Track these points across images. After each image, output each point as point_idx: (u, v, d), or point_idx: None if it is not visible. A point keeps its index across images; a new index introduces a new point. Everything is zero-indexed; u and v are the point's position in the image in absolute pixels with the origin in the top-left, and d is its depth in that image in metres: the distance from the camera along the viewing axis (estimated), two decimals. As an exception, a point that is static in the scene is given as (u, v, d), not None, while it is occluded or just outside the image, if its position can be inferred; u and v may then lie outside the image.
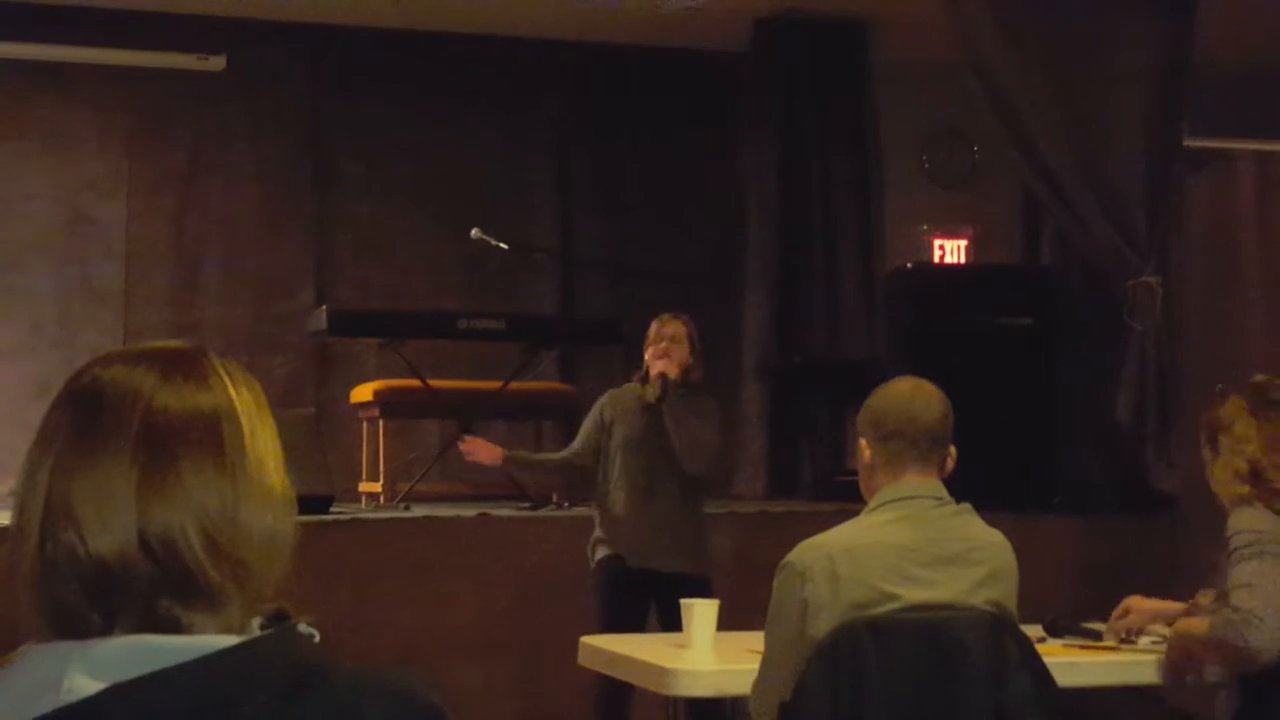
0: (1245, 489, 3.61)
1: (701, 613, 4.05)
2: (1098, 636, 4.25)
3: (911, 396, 3.26)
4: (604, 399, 5.48)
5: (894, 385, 3.32)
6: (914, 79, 8.73)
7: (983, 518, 3.31)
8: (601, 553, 5.33)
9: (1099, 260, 7.25)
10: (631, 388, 5.44)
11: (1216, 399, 3.84)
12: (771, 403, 8.44)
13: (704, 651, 3.99)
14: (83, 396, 1.28)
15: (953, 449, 3.28)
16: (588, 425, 5.46)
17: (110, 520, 1.23)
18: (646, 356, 5.38)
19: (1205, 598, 3.79)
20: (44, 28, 7.94)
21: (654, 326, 5.41)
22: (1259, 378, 3.86)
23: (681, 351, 5.33)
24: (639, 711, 5.17)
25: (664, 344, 5.33)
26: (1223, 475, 3.67)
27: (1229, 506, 3.67)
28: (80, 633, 1.22)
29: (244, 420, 1.30)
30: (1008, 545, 3.29)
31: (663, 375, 5.27)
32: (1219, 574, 3.64)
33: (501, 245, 7.77)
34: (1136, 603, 4.13)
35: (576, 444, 5.49)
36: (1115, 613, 4.17)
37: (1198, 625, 3.68)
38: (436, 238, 8.54)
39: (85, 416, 1.27)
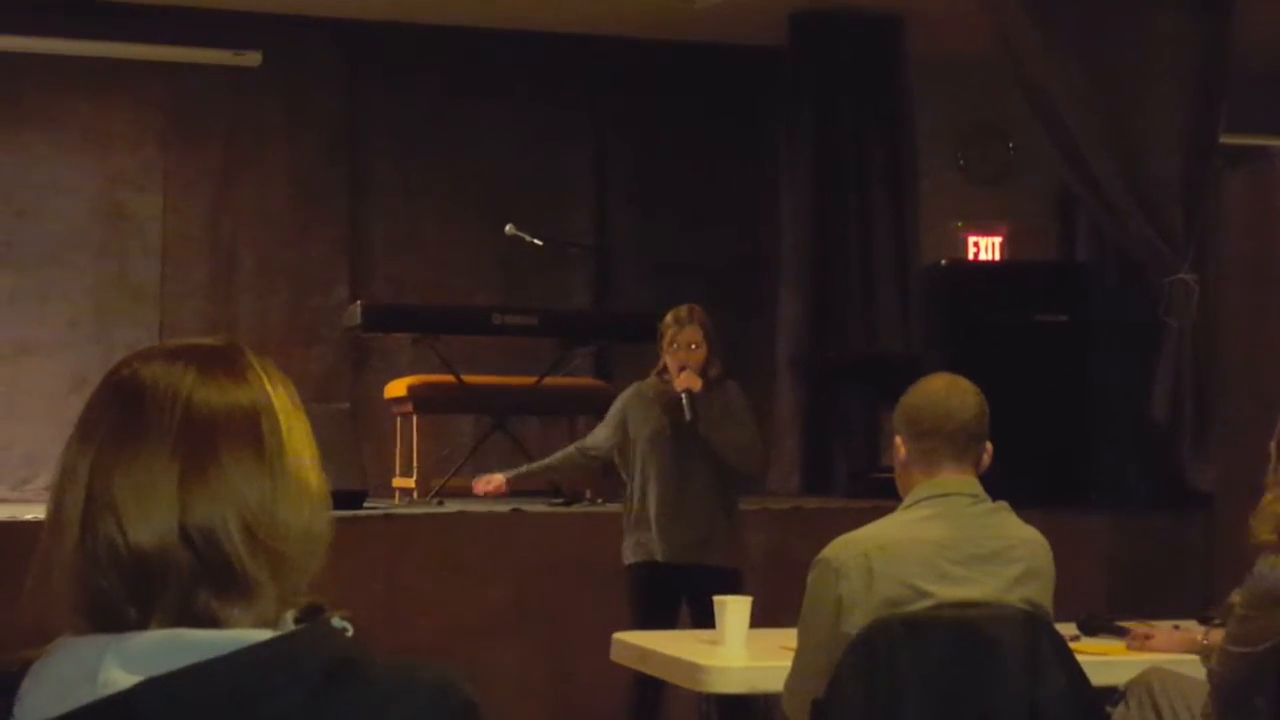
0: (1273, 538, 3.49)
1: (735, 609, 4.04)
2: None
3: (947, 393, 3.25)
4: (626, 397, 5.40)
5: (929, 382, 3.30)
6: (949, 74, 8.70)
7: (1018, 514, 3.30)
8: (633, 557, 5.30)
9: (1135, 256, 7.21)
10: (653, 384, 5.38)
11: None
12: (806, 399, 8.43)
13: (737, 648, 3.99)
14: (124, 391, 1.29)
15: (989, 445, 3.26)
16: (610, 424, 5.39)
17: (151, 513, 1.24)
18: (665, 357, 5.29)
19: (1239, 598, 3.77)
20: (80, 23, 7.99)
21: (671, 327, 5.29)
22: None
23: (700, 355, 5.26)
24: (671, 706, 5.17)
25: (682, 353, 5.24)
26: (1267, 511, 3.56)
27: (1257, 544, 3.56)
28: (116, 625, 1.23)
29: (281, 416, 1.31)
30: (1044, 543, 3.28)
31: (689, 392, 5.21)
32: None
33: (536, 241, 7.77)
34: (1163, 636, 4.12)
35: (593, 439, 5.45)
36: (1140, 633, 4.16)
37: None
38: (471, 233, 8.56)
39: (127, 411, 1.27)
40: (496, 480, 5.52)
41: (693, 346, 5.24)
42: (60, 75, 8.16)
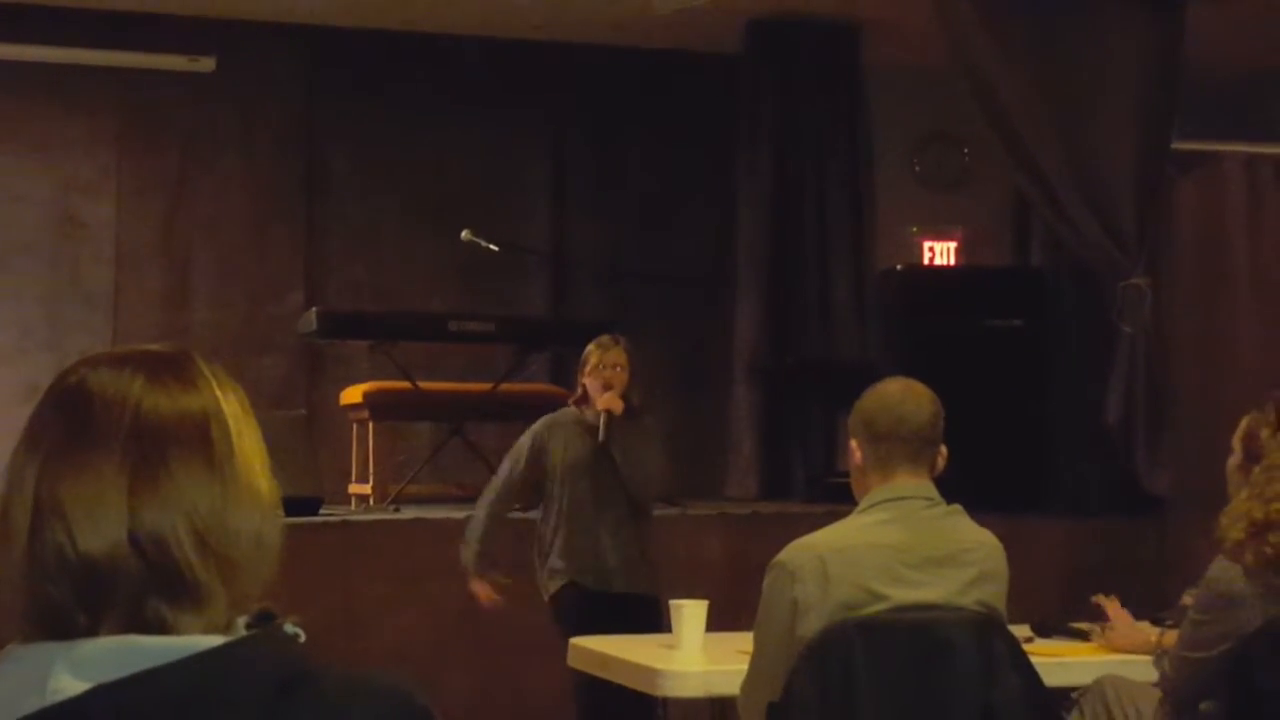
0: (1241, 537, 3.47)
1: (691, 613, 4.05)
2: (1086, 637, 4.27)
3: (902, 398, 3.26)
4: (538, 430, 5.31)
5: (884, 386, 3.32)
6: (905, 82, 8.74)
7: (973, 518, 3.32)
8: (557, 584, 5.27)
9: (1089, 262, 7.26)
10: (570, 412, 5.35)
11: (1268, 408, 3.71)
12: (763, 404, 8.44)
13: (694, 652, 4.00)
14: (72, 398, 1.28)
15: (944, 449, 3.28)
16: (524, 459, 5.27)
17: (100, 520, 1.23)
18: (586, 383, 5.23)
19: (1191, 598, 3.79)
20: (33, 29, 7.93)
21: (595, 354, 5.23)
22: None
23: (624, 378, 5.22)
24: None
25: (608, 373, 5.21)
26: (1238, 510, 3.54)
27: (1220, 543, 3.55)
28: (66, 633, 1.22)
29: (231, 422, 1.30)
30: (999, 546, 3.30)
31: (608, 413, 5.16)
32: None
33: (492, 247, 7.77)
34: (1123, 624, 4.15)
35: (508, 479, 5.30)
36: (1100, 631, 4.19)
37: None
38: (427, 239, 8.54)
39: (75, 418, 1.27)
40: (486, 589, 5.27)
41: (617, 369, 5.21)
42: (12, 81, 8.09)
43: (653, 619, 4.96)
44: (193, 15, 8.13)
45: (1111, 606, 4.21)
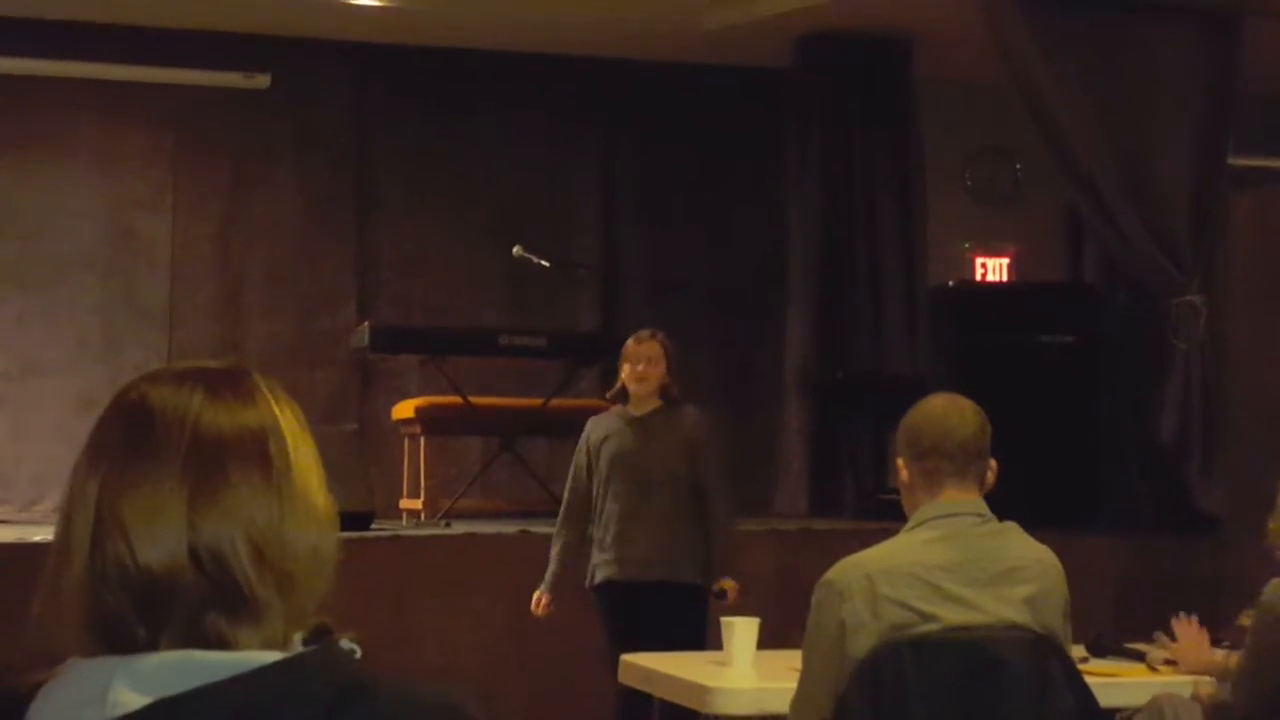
0: None
1: (742, 630, 4.05)
2: (1141, 657, 4.23)
3: (945, 412, 3.23)
4: (586, 431, 5.41)
5: (928, 402, 3.29)
6: (957, 96, 8.71)
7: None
8: (599, 576, 5.30)
9: (1143, 278, 7.22)
10: (612, 410, 5.38)
11: None
12: (814, 420, 8.42)
13: (745, 669, 3.99)
14: (133, 412, 1.30)
15: (993, 462, 3.25)
16: (576, 470, 5.38)
17: (161, 533, 1.24)
18: (623, 375, 5.32)
19: (1248, 618, 3.76)
20: (91, 46, 8.02)
21: (631, 345, 5.36)
22: None
23: (659, 370, 5.29)
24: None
25: (641, 366, 5.28)
26: None
27: (1271, 549, 3.52)
28: (126, 647, 1.23)
29: (288, 437, 1.31)
30: (1055, 562, 3.25)
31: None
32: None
33: (543, 262, 7.79)
34: (1191, 641, 4.08)
35: (578, 489, 5.38)
36: (1166, 647, 4.14)
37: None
38: (479, 254, 8.57)
39: (136, 432, 1.28)
40: (543, 601, 5.40)
41: (651, 360, 5.27)
42: (70, 97, 8.18)
43: (694, 607, 5.04)
44: (248, 32, 8.20)
45: (1181, 626, 4.14)
